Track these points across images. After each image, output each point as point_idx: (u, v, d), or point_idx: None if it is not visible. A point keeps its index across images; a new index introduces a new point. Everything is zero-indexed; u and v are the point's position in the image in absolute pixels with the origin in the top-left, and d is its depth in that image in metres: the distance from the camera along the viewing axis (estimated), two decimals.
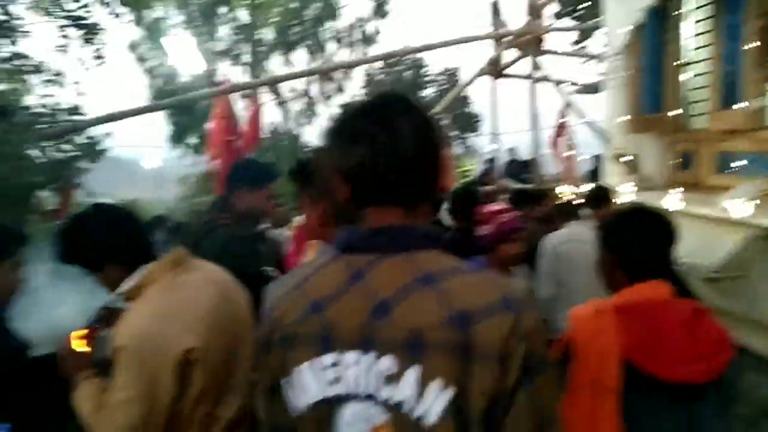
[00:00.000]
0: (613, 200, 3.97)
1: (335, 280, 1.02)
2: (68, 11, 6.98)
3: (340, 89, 16.64)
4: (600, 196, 3.97)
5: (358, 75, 16.72)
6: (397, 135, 1.00)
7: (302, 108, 16.44)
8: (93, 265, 1.73)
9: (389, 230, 1.02)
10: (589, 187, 4.69)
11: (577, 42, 14.21)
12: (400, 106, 1.04)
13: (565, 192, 6.83)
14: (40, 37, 7.12)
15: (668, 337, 1.60)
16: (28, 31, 6.33)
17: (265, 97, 12.38)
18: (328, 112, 16.41)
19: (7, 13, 6.28)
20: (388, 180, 1.00)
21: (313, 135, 16.35)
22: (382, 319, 0.96)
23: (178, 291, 1.68)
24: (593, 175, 8.88)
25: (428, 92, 21.41)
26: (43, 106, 6.74)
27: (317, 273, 1.07)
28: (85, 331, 1.73)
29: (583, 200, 4.18)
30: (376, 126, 1.01)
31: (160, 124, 14.46)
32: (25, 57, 6.61)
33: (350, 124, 1.04)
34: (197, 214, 5.79)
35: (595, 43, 12.48)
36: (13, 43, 6.49)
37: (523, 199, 4.76)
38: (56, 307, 1.97)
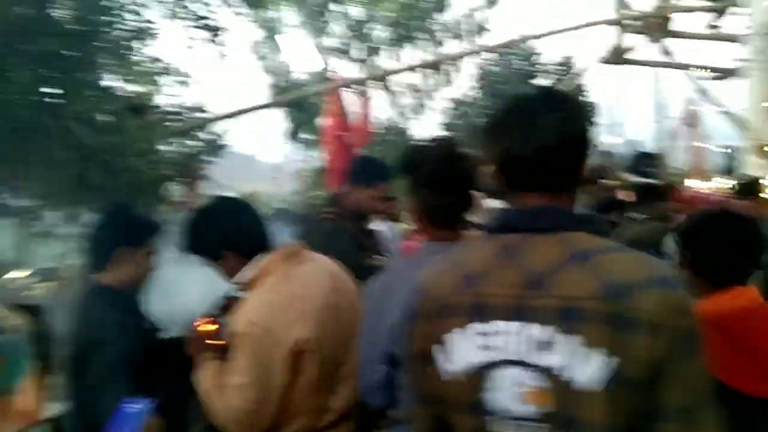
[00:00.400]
0: (763, 194, 3.58)
1: (487, 257, 1.10)
2: (194, 13, 7.41)
3: (450, 82, 16.51)
4: (749, 189, 3.60)
5: (469, 67, 16.47)
6: (540, 127, 1.08)
7: (412, 102, 16.50)
8: (214, 254, 1.80)
9: (540, 211, 1.09)
10: (722, 181, 4.29)
11: (711, 24, 13.05)
12: (545, 99, 1.13)
13: (695, 186, 6.31)
14: (170, 40, 7.64)
15: (753, 350, 1.49)
16: (158, 35, 6.79)
17: (376, 91, 12.52)
18: (438, 106, 16.36)
19: (142, 20, 6.77)
20: (532, 167, 1.09)
21: (422, 129, 16.37)
22: (535, 291, 1.02)
23: (292, 282, 1.71)
24: (727, 168, 8.14)
25: (541, 82, 20.72)
26: (172, 105, 7.22)
27: (470, 251, 1.17)
28: (209, 317, 1.80)
29: (728, 194, 3.82)
30: (522, 118, 1.10)
31: (277, 120, 15.08)
32: (156, 60, 7.09)
33: (500, 117, 1.14)
34: (311, 208, 5.97)
35: (732, 24, 11.39)
36: (147, 47, 6.99)
37: (647, 195, 4.42)
38: (184, 293, 2.07)
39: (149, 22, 6.74)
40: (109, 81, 6.47)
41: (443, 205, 1.56)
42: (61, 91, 5.31)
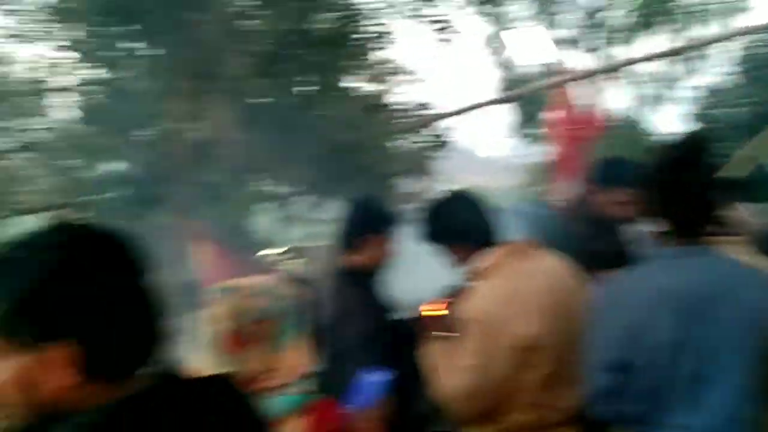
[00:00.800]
0: None
1: None
2: (429, 14, 7.73)
3: (696, 69, 14.80)
4: None
5: (724, 52, 14.56)
6: None
7: (652, 93, 15.16)
8: (446, 244, 1.92)
9: None
10: None
11: None
12: None
13: None
14: (405, 40, 8.06)
15: None
16: (394, 37, 7.22)
17: (611, 82, 11.81)
18: (682, 96, 14.79)
19: (379, 24, 7.25)
20: None
21: (664, 121, 14.95)
22: None
23: (521, 277, 1.76)
24: None
25: None
26: (403, 103, 7.63)
27: None
28: (440, 301, 1.93)
29: None
30: None
31: (502, 114, 15.05)
32: (390, 61, 7.54)
33: None
34: (537, 204, 5.89)
35: None
36: (383, 49, 7.47)
37: None
38: (418, 278, 2.24)
39: (385, 25, 7.21)
40: (350, 82, 7.08)
41: (680, 212, 1.47)
42: (313, 93, 6.01)
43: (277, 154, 5.90)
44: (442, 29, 7.55)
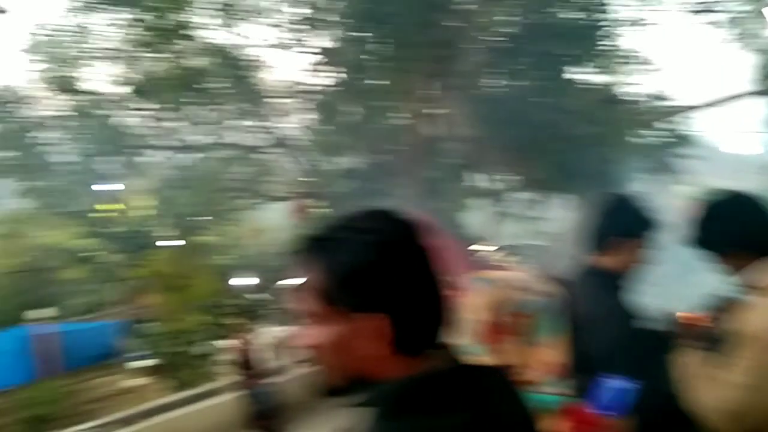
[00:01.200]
0: None
1: None
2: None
3: None
4: None
5: None
6: None
7: None
8: (718, 252, 1.73)
9: None
10: None
11: None
12: None
13: None
14: (648, 26, 7.42)
15: None
16: (638, 24, 6.75)
17: None
18: None
19: (620, 12, 6.81)
20: None
21: None
22: None
23: None
24: None
25: None
26: (643, 94, 7.09)
27: None
28: (704, 311, 1.76)
29: None
30: None
31: (754, 106, 13.11)
32: (628, 51, 7.07)
33: None
34: None
35: None
36: (621, 38, 7.01)
37: None
38: (673, 285, 2.06)
39: (629, 12, 6.76)
40: (584, 74, 6.80)
41: None
42: (546, 85, 5.89)
43: (504, 149, 5.91)
44: (698, 11, 6.85)
